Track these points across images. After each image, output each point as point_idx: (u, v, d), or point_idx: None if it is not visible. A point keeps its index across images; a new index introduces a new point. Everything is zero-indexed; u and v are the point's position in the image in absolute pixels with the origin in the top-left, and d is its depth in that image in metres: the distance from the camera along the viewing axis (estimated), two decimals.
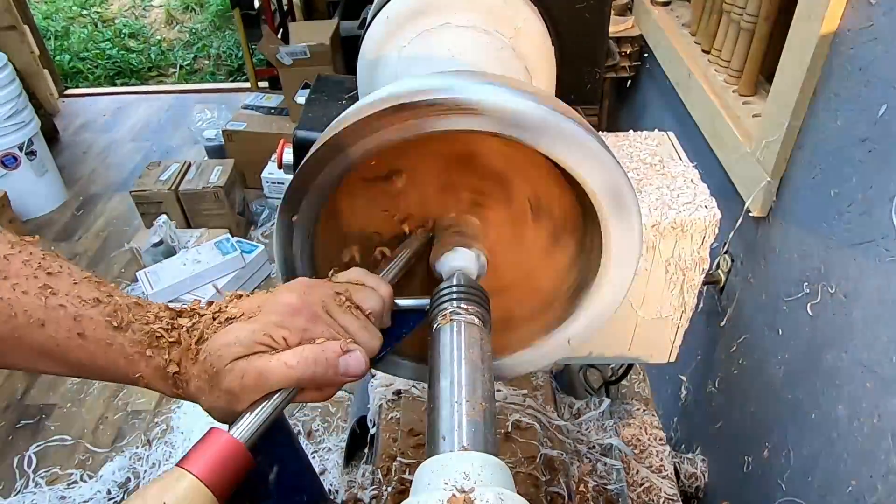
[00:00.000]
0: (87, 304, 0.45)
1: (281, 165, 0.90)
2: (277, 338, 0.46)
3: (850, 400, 0.87)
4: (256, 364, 0.45)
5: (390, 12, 0.73)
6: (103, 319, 0.45)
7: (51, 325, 0.44)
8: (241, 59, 4.68)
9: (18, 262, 0.45)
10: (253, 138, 3.23)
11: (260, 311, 0.47)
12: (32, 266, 0.45)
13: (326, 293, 0.50)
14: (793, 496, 1.01)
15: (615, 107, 2.36)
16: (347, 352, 0.47)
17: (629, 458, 1.05)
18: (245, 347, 0.45)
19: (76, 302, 0.45)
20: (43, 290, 0.44)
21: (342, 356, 0.47)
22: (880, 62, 0.81)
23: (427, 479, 0.37)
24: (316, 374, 0.46)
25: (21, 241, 0.47)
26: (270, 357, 0.45)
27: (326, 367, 0.46)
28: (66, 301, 0.45)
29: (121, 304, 0.47)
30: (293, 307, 0.47)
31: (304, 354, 0.45)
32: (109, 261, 2.98)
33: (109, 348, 0.46)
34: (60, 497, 1.99)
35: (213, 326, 0.47)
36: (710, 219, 0.78)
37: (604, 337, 0.89)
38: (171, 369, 0.46)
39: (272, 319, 0.46)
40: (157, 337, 0.46)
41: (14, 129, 3.00)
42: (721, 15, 1.38)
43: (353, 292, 0.51)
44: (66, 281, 0.46)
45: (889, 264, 0.79)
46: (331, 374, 0.46)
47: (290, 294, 0.48)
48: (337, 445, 2.10)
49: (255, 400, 0.45)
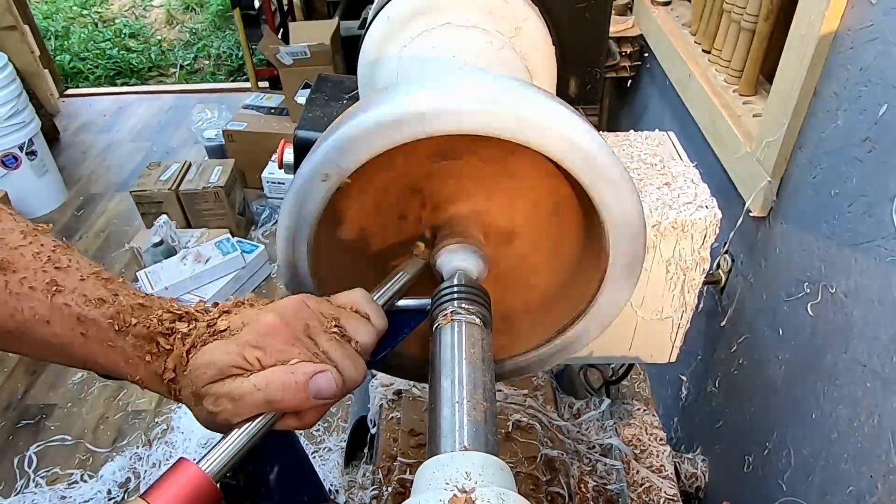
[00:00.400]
0: (91, 304, 0.45)
1: (281, 165, 0.90)
2: (251, 358, 0.45)
3: (850, 400, 0.87)
4: (230, 387, 0.44)
5: (391, 12, 0.73)
6: (105, 321, 0.45)
7: (55, 322, 0.44)
8: (241, 59, 4.68)
9: (29, 255, 0.45)
10: (253, 138, 3.23)
11: (242, 328, 0.46)
12: (42, 259, 0.45)
13: (313, 315, 0.48)
14: (793, 496, 1.01)
15: (615, 107, 2.36)
16: (318, 371, 0.45)
17: (629, 458, 1.05)
18: (218, 370, 0.44)
19: (80, 301, 0.45)
20: (49, 287, 0.44)
21: (313, 377, 0.45)
22: (880, 62, 0.81)
23: (428, 480, 0.37)
24: (286, 398, 0.44)
25: (34, 230, 0.47)
26: (243, 380, 0.44)
27: (296, 390, 0.44)
28: (70, 300, 0.45)
29: (125, 305, 0.47)
30: (272, 327, 0.46)
31: (271, 377, 0.44)
32: (109, 261, 2.98)
33: (111, 350, 0.46)
34: (61, 497, 2.00)
35: (202, 338, 0.46)
36: (710, 219, 0.78)
37: (604, 337, 0.89)
38: (167, 376, 0.46)
39: (248, 339, 0.45)
40: (156, 342, 0.46)
41: (14, 129, 3.00)
42: (721, 15, 1.38)
43: (345, 319, 0.50)
44: (73, 277, 0.46)
45: (889, 264, 0.79)
46: (301, 398, 0.45)
47: (272, 314, 0.47)
48: (337, 445, 2.10)
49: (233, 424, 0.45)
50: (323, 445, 2.12)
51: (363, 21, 2.95)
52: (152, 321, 0.47)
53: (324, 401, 0.46)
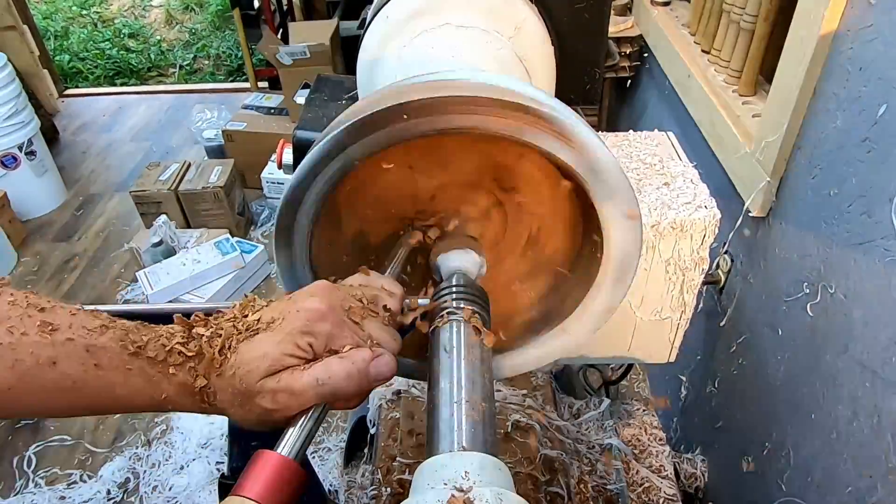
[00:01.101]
0: (94, 332, 0.43)
1: (281, 165, 0.90)
2: (304, 345, 0.44)
3: (850, 400, 0.86)
4: (288, 382, 0.43)
5: (390, 12, 0.73)
6: (117, 345, 0.43)
7: (63, 361, 0.42)
8: (240, 59, 4.68)
9: (4, 305, 0.42)
10: (253, 138, 3.22)
11: (283, 318, 0.45)
12: (21, 306, 0.42)
13: (347, 296, 0.49)
14: (793, 496, 1.01)
15: (615, 107, 2.36)
16: (376, 357, 0.46)
17: (629, 458, 1.05)
18: (273, 361, 0.43)
19: (83, 332, 0.43)
20: (43, 328, 0.42)
21: (371, 363, 0.45)
22: (880, 62, 0.81)
23: (427, 479, 0.37)
24: (349, 387, 0.45)
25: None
26: (301, 374, 0.44)
27: (359, 378, 0.45)
28: (72, 334, 0.42)
29: (129, 325, 0.45)
30: (319, 312, 0.45)
31: (333, 369, 0.44)
32: (109, 261, 2.98)
33: (129, 373, 0.43)
34: (60, 497, 2.00)
35: (234, 336, 0.45)
36: (709, 219, 0.78)
37: (604, 337, 0.89)
38: (199, 383, 0.44)
39: (297, 326, 0.45)
40: (178, 352, 0.44)
41: (14, 129, 3.00)
42: (721, 15, 1.38)
43: (371, 295, 0.50)
44: (62, 314, 0.43)
45: (889, 264, 0.78)
46: (364, 384, 0.45)
47: (313, 299, 0.46)
48: (336, 445, 2.10)
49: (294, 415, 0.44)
50: (322, 445, 2.12)
51: (363, 21, 2.94)
52: (163, 333, 0.45)
53: (381, 382, 0.47)
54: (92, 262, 2.99)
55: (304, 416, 0.44)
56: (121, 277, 2.88)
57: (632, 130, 0.93)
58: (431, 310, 0.53)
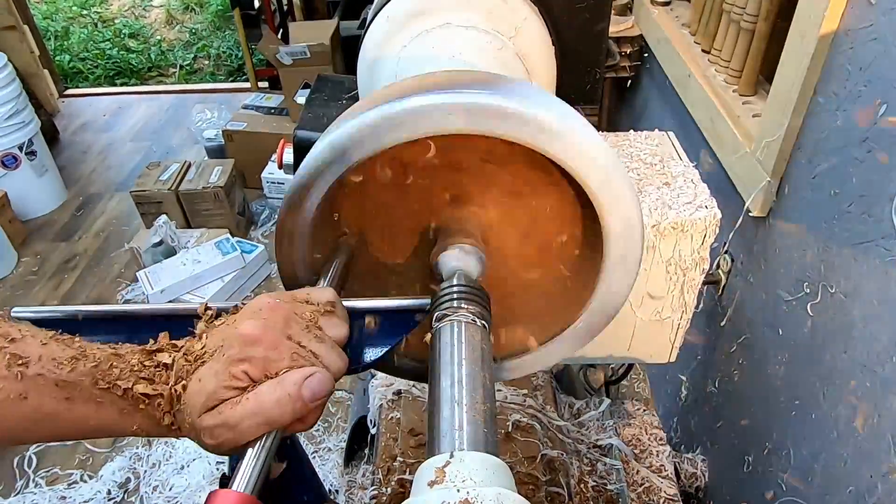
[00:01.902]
0: (64, 365, 0.43)
1: (281, 165, 0.90)
2: (239, 374, 0.43)
3: (849, 400, 0.87)
4: (225, 416, 0.42)
5: (390, 12, 0.73)
6: (87, 380, 0.43)
7: (33, 396, 0.41)
8: (241, 59, 4.68)
9: None
10: (253, 138, 3.23)
11: (222, 344, 0.44)
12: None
13: (290, 314, 0.47)
14: (793, 496, 1.01)
15: (615, 107, 2.36)
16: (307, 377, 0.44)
17: (629, 458, 1.05)
18: (208, 396, 0.43)
19: (53, 367, 0.42)
20: (13, 361, 0.41)
21: (303, 383, 0.44)
22: (880, 62, 0.81)
23: (427, 479, 0.37)
24: (284, 412, 0.43)
25: None
26: (235, 408, 0.43)
27: (292, 403, 0.43)
28: (41, 368, 0.42)
29: (99, 356, 0.44)
30: (252, 337, 0.44)
31: (262, 398, 0.43)
32: (109, 261, 2.98)
33: (101, 407, 0.43)
34: (60, 497, 2.00)
35: (185, 368, 0.44)
36: (710, 219, 0.78)
37: (604, 337, 0.89)
38: (167, 420, 0.44)
39: (232, 354, 0.44)
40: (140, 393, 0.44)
41: (14, 129, 3.00)
42: (721, 15, 1.38)
43: (320, 315, 0.49)
44: (33, 345, 0.43)
45: (889, 264, 0.79)
46: (298, 407, 0.44)
47: (248, 323, 0.45)
48: (337, 445, 2.10)
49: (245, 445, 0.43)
50: (323, 445, 2.12)
51: (363, 21, 2.94)
52: (134, 363, 0.44)
53: (321, 401, 0.45)
54: (92, 262, 2.99)
55: (254, 446, 0.43)
56: (121, 277, 2.88)
57: (632, 130, 0.93)
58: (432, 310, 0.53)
